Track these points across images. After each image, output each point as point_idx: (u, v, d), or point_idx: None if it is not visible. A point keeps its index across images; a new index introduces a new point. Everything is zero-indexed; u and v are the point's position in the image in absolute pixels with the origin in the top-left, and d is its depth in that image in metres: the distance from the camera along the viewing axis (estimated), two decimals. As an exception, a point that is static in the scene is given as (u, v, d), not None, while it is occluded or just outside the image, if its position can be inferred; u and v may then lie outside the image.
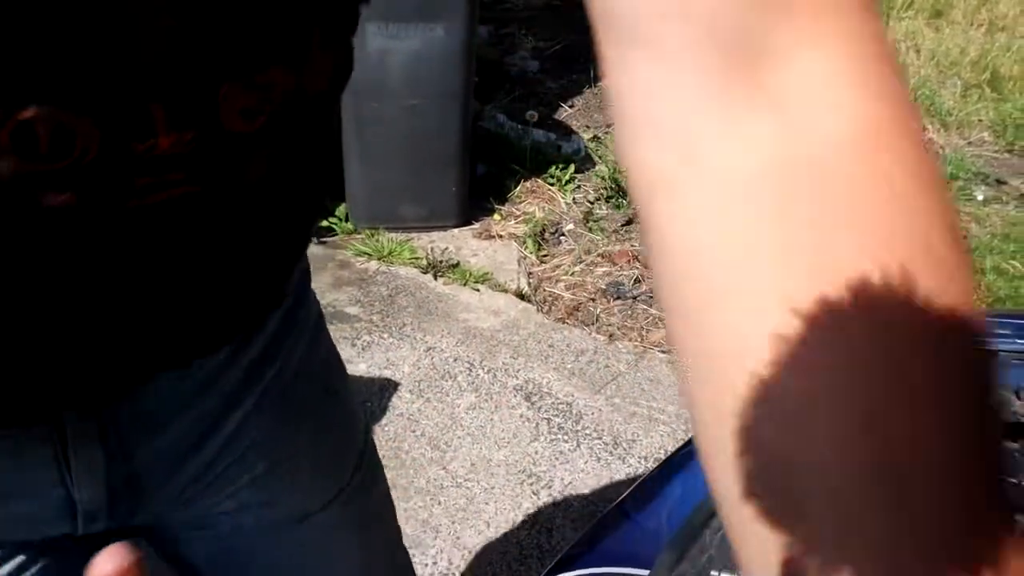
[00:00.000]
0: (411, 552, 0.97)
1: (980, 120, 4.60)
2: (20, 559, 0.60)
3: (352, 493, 0.79)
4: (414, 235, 3.10)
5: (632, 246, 3.07)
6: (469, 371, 2.47)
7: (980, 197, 3.95)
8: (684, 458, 1.12)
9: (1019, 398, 1.07)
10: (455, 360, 2.52)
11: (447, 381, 2.43)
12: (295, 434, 0.71)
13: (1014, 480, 0.90)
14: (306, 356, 0.71)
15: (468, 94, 3.05)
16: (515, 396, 2.39)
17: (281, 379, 0.68)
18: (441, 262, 2.94)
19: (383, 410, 2.31)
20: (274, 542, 0.74)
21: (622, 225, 3.19)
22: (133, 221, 0.44)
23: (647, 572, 0.83)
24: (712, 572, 0.81)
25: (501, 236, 3.13)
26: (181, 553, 0.76)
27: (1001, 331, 1.30)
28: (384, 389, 2.38)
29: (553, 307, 2.79)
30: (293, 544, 0.75)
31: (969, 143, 4.45)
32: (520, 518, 2.04)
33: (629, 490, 1.08)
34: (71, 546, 0.62)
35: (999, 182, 4.11)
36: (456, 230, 3.15)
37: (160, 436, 0.61)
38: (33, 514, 0.58)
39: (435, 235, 3.11)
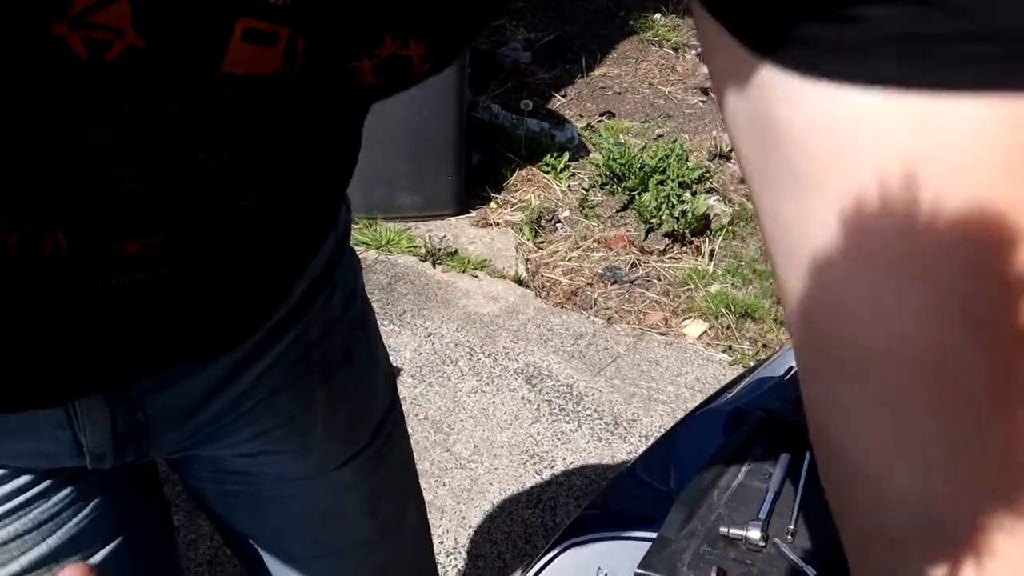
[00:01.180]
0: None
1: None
2: (47, 483, 0.62)
3: (368, 458, 0.80)
4: (412, 224, 3.13)
5: (627, 231, 3.10)
6: (470, 356, 2.50)
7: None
8: (690, 424, 1.15)
9: None
10: (456, 345, 2.54)
11: (448, 366, 2.46)
12: (311, 395, 0.72)
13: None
14: (333, 321, 0.72)
15: (462, 84, 3.07)
16: (516, 379, 2.42)
17: (303, 340, 0.69)
18: (439, 250, 2.97)
19: (386, 395, 2.34)
20: (285, 490, 0.75)
21: (617, 211, 3.22)
22: (100, 296, 0.46)
23: (657, 533, 0.86)
24: (721, 529, 0.84)
25: (498, 224, 3.15)
26: (192, 486, 0.77)
27: None
28: (386, 375, 2.40)
29: (551, 292, 2.82)
30: (302, 496, 0.77)
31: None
32: (524, 497, 2.07)
33: (639, 455, 1.11)
34: (90, 472, 0.64)
35: None
36: (453, 219, 3.18)
37: (168, 392, 0.62)
38: (43, 451, 0.60)
39: (432, 224, 3.14)
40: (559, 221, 3.20)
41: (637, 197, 3.14)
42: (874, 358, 0.28)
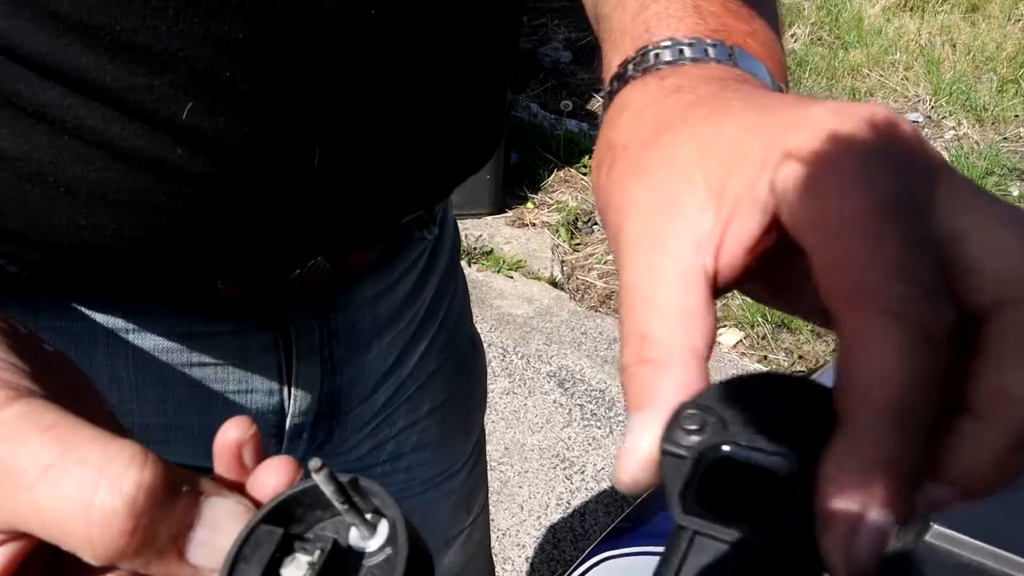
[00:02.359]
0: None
1: (1016, 116, 4.56)
2: None
3: (479, 449, 0.86)
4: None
5: (664, 236, 3.08)
6: (503, 357, 2.50)
7: (1015, 192, 3.92)
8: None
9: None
10: (489, 346, 2.54)
11: (481, 366, 2.46)
12: (453, 380, 0.76)
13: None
14: (461, 309, 0.77)
15: (503, 83, 3.06)
16: (548, 382, 2.41)
17: (447, 324, 0.74)
18: (475, 249, 2.96)
19: (418, 393, 2.35)
20: (412, 505, 0.78)
21: (654, 215, 3.20)
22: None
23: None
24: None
25: (534, 224, 3.15)
26: None
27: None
28: (419, 373, 2.42)
29: (586, 295, 2.81)
30: (427, 506, 0.80)
31: (1004, 138, 4.41)
32: (553, 502, 2.06)
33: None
34: None
35: (1035, 178, 4.08)
36: (490, 218, 3.17)
37: (364, 355, 0.66)
38: None
39: (469, 223, 3.14)
40: (596, 223, 3.19)
41: (675, 202, 3.12)
42: None
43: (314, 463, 0.27)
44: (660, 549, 0.92)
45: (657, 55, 0.37)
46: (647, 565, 0.95)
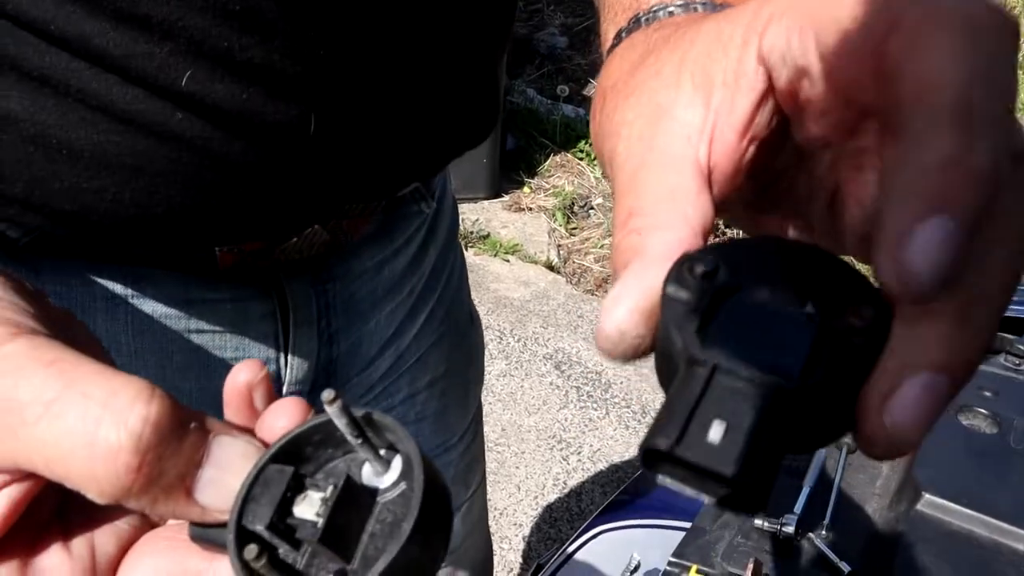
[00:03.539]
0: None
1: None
2: None
3: (476, 423, 0.87)
4: (445, 206, 3.13)
5: (660, 221, 3.09)
6: (500, 339, 2.51)
7: None
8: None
9: (1053, 363, 1.09)
10: (486, 329, 2.55)
11: (478, 349, 2.48)
12: (450, 354, 0.77)
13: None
14: (459, 284, 0.78)
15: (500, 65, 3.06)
16: (545, 364, 2.43)
17: (445, 298, 0.75)
18: (472, 233, 2.97)
19: (415, 376, 2.36)
20: None
21: (651, 200, 3.21)
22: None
23: (689, 523, 0.87)
24: (755, 521, 0.84)
25: (531, 209, 3.15)
26: None
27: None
28: (416, 355, 2.43)
29: (582, 278, 2.82)
30: None
31: (999, 125, 4.43)
32: (550, 482, 2.08)
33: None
34: None
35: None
36: (486, 202, 3.18)
37: (360, 327, 0.66)
38: None
39: (466, 207, 3.14)
40: (592, 208, 3.20)
41: (671, 186, 3.13)
42: None
43: (327, 394, 0.26)
44: (658, 521, 0.93)
45: (648, 20, 0.37)
46: (644, 538, 0.96)
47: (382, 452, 0.28)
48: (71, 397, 0.26)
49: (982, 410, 0.88)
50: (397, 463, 0.28)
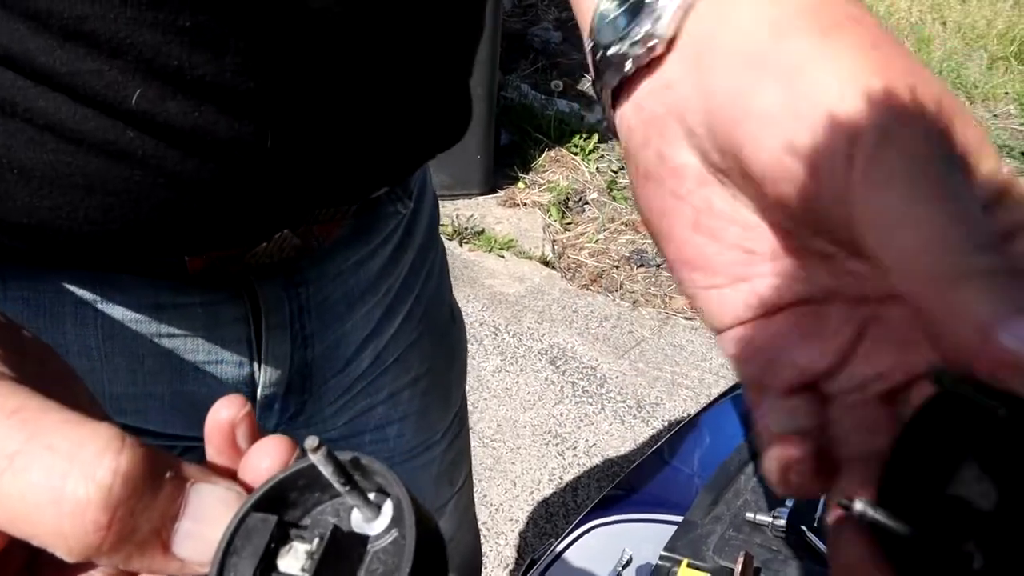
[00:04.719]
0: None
1: (1006, 93, 4.57)
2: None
3: (460, 420, 0.86)
4: (439, 203, 3.12)
5: (655, 215, 3.09)
6: (495, 335, 2.51)
7: (1005, 170, 3.94)
8: (717, 409, 1.15)
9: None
10: (481, 324, 2.55)
11: (473, 345, 2.47)
12: (431, 352, 0.77)
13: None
14: (439, 282, 0.77)
15: (494, 63, 3.05)
16: (540, 360, 2.42)
17: (424, 297, 0.74)
18: (466, 229, 2.97)
19: (411, 372, 2.36)
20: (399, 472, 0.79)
21: (645, 194, 3.21)
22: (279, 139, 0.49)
23: (682, 517, 0.87)
24: (747, 515, 0.84)
25: (525, 204, 3.15)
26: None
27: None
28: (411, 352, 2.43)
29: (577, 274, 2.82)
30: (407, 478, 0.80)
31: (995, 116, 4.42)
32: (546, 477, 2.08)
33: (666, 439, 1.12)
34: None
35: (1024, 155, 4.09)
36: (481, 198, 3.18)
37: (335, 329, 0.66)
38: (216, 398, 0.61)
39: (460, 203, 3.14)
40: (587, 203, 3.19)
41: (666, 181, 3.13)
42: None
43: (310, 442, 0.25)
44: (650, 516, 0.93)
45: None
46: (636, 532, 0.96)
47: (371, 496, 0.27)
48: (35, 449, 0.24)
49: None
50: (388, 508, 0.27)
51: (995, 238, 0.25)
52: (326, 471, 0.25)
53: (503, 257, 2.86)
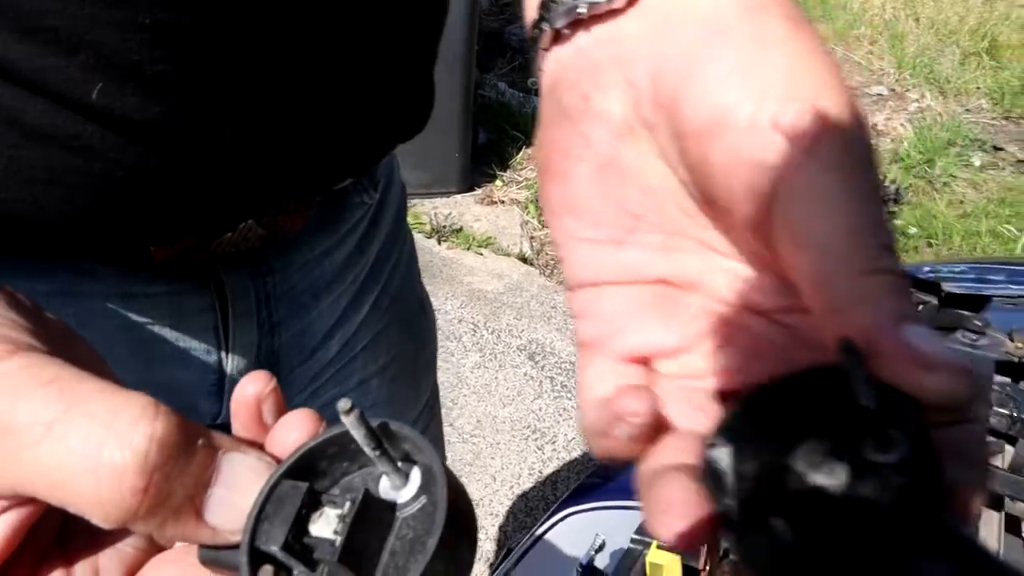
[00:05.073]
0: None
1: (978, 87, 4.62)
2: None
3: (430, 410, 0.87)
4: (417, 201, 3.13)
5: (633, 211, 3.11)
6: (473, 332, 2.52)
7: (977, 163, 3.98)
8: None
9: (1011, 339, 1.11)
10: (460, 321, 2.56)
11: (452, 342, 2.48)
12: (399, 341, 0.77)
13: (1005, 411, 0.95)
14: (407, 269, 0.78)
15: (470, 62, 3.06)
16: (519, 355, 2.43)
17: (391, 286, 0.75)
18: (444, 227, 2.97)
19: (390, 370, 2.37)
20: None
21: (623, 191, 3.23)
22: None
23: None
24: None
25: (503, 202, 3.16)
26: None
27: (993, 277, 1.34)
28: (391, 350, 2.43)
29: (556, 270, 2.83)
30: None
31: (967, 110, 4.47)
32: (525, 472, 2.09)
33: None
34: None
35: (996, 148, 4.14)
36: (459, 196, 3.18)
37: (302, 317, 0.66)
38: (188, 386, 0.62)
39: (438, 201, 3.14)
40: (564, 200, 3.21)
41: (643, 177, 3.14)
42: None
43: (343, 404, 0.25)
44: (623, 503, 0.94)
45: None
46: (609, 518, 0.97)
47: (399, 464, 0.27)
48: (72, 418, 0.25)
49: (937, 384, 0.89)
50: (415, 475, 0.27)
51: (895, 241, 0.27)
52: (357, 435, 0.26)
53: (481, 254, 2.87)
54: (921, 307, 1.26)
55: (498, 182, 3.26)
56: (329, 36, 0.52)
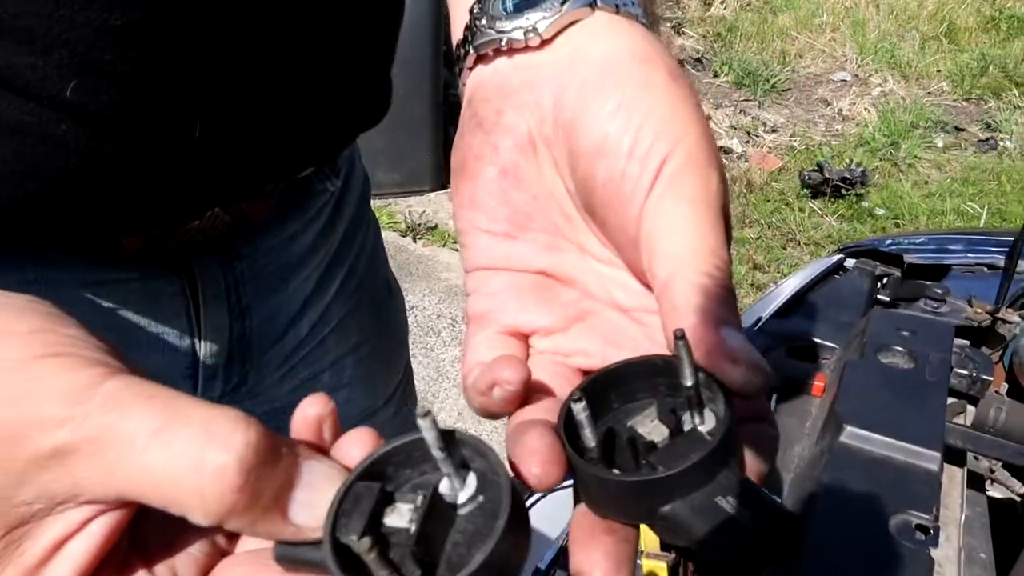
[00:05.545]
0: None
1: (938, 71, 4.70)
2: None
3: (404, 388, 0.88)
4: (391, 200, 3.15)
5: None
6: (452, 327, 2.54)
7: (940, 144, 4.06)
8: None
9: (971, 305, 1.15)
10: (438, 317, 2.58)
11: (431, 337, 2.50)
12: (368, 323, 0.79)
13: (965, 372, 0.99)
14: (372, 252, 0.80)
15: (437, 60, 3.08)
16: (498, 349, 2.46)
17: (357, 270, 0.77)
18: (419, 225, 2.99)
19: (371, 368, 2.38)
20: None
21: (594, 183, 3.25)
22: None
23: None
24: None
25: (477, 198, 3.18)
26: None
27: (953, 247, 1.38)
28: (370, 348, 2.45)
29: (531, 263, 2.86)
30: None
31: (928, 93, 4.55)
32: (509, 462, 2.11)
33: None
34: None
35: (958, 129, 4.22)
36: (432, 194, 3.20)
37: (271, 300, 0.69)
38: (163, 371, 0.63)
39: (412, 200, 3.16)
40: (537, 194, 3.23)
41: (613, 169, 3.17)
42: None
43: (420, 409, 0.28)
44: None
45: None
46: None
47: (459, 468, 0.30)
48: (176, 426, 0.28)
49: (899, 348, 0.93)
50: (472, 479, 0.30)
51: (729, 263, 0.35)
52: (429, 436, 0.29)
53: (457, 250, 2.89)
54: (885, 280, 1.30)
55: (471, 179, 3.28)
56: (292, 33, 0.54)
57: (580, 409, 0.31)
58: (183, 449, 0.27)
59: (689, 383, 0.31)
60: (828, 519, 0.71)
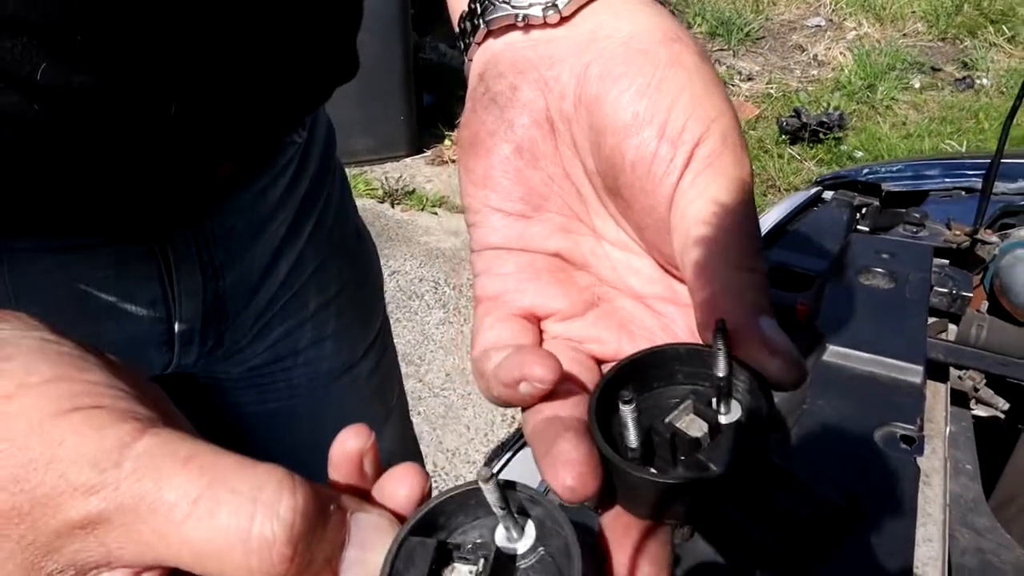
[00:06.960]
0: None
1: (913, 12, 4.68)
2: None
3: (383, 340, 0.87)
4: (367, 168, 3.12)
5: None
6: (435, 290, 2.53)
7: (917, 85, 4.05)
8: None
9: (949, 228, 1.15)
10: (420, 280, 2.56)
11: (415, 301, 2.49)
12: (342, 273, 0.78)
13: (945, 290, 0.98)
14: (340, 202, 0.79)
15: (406, 23, 3.04)
16: (482, 308, 2.45)
17: (325, 221, 0.76)
18: (397, 190, 2.96)
19: (355, 334, 2.37)
20: (321, 397, 0.81)
21: (572, 140, 3.24)
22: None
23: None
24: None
25: (453, 161, 3.15)
26: (242, 412, 0.82)
27: (930, 172, 1.37)
28: (354, 315, 2.44)
29: (511, 223, 2.85)
30: (337, 399, 0.82)
31: (904, 35, 4.53)
32: (498, 419, 2.11)
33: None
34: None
35: (934, 69, 4.21)
36: (409, 159, 3.17)
37: (243, 257, 0.68)
38: (136, 338, 0.63)
39: (388, 166, 3.13)
40: (514, 154, 3.21)
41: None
42: None
43: (483, 472, 0.27)
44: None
45: None
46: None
47: (517, 517, 0.29)
48: (218, 494, 0.26)
49: (879, 269, 0.92)
50: (530, 528, 0.29)
51: (762, 250, 0.33)
52: (491, 497, 0.28)
53: (436, 214, 2.87)
54: (864, 210, 1.30)
55: (447, 142, 3.26)
56: (259, 6, 0.53)
57: (629, 411, 0.29)
58: (227, 521, 0.26)
59: (723, 373, 0.30)
60: (814, 434, 0.71)
